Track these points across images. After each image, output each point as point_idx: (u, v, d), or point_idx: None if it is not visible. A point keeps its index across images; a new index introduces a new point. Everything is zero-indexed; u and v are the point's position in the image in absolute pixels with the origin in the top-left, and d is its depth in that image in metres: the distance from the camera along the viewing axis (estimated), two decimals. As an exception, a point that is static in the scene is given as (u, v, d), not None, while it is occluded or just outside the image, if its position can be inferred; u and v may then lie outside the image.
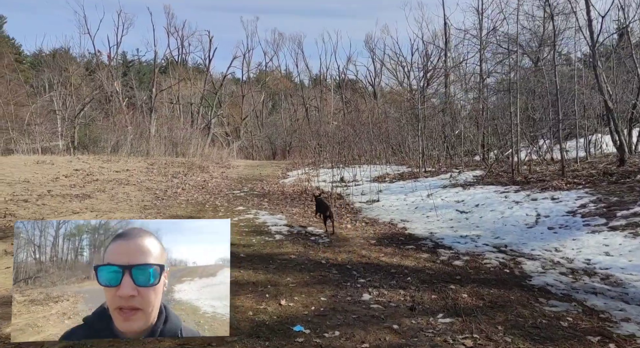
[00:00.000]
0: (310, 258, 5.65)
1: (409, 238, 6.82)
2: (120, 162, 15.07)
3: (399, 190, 10.73)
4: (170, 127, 21.80)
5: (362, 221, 8.31)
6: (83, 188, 11.05)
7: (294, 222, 8.32)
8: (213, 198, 11.14)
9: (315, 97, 42.92)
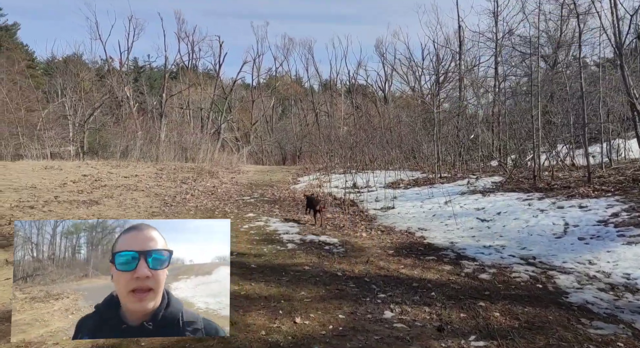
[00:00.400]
0: (326, 270, 5.31)
1: (428, 248, 6.45)
2: (129, 167, 14.89)
3: (414, 196, 10.36)
4: (180, 132, 21.64)
5: (377, 229, 7.96)
6: (91, 194, 10.85)
7: (306, 230, 7.99)
8: (223, 204, 10.87)
9: (325, 102, 42.70)
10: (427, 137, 16.10)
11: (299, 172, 19.79)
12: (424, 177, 12.88)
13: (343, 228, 8.13)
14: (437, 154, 12.32)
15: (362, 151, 15.81)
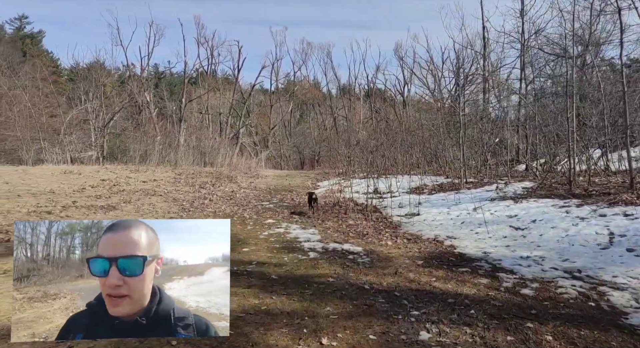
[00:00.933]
0: (351, 282, 4.94)
1: (460, 258, 6.02)
2: (147, 172, 14.78)
3: (440, 202, 9.91)
4: (198, 136, 21.57)
5: (403, 237, 7.55)
6: (109, 199, 10.71)
7: (328, 237, 7.64)
8: (241, 210, 10.60)
9: (343, 106, 42.39)
10: (451, 140, 15.60)
11: (318, 176, 19.47)
12: (449, 182, 12.39)
13: (367, 236, 7.75)
14: (463, 158, 11.83)
15: (383, 155, 15.40)
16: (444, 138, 16.47)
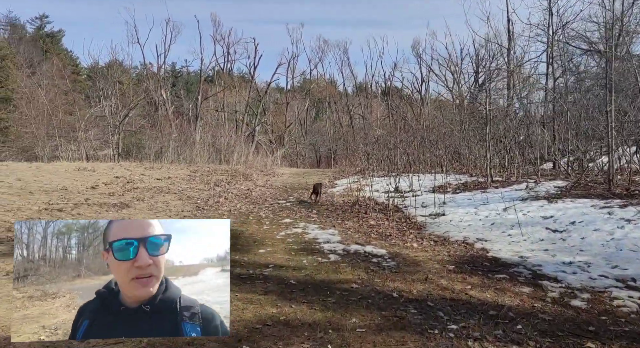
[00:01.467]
0: (378, 290, 4.50)
1: (494, 263, 5.52)
2: (162, 169, 14.52)
3: (466, 202, 9.37)
4: (214, 133, 21.30)
5: (429, 239, 7.06)
6: (122, 196, 10.45)
7: (349, 238, 7.20)
8: (257, 208, 10.22)
9: (359, 104, 41.83)
10: (474, 137, 14.99)
11: (335, 174, 19.03)
12: (474, 181, 11.83)
13: (390, 237, 7.29)
14: (489, 156, 11.24)
15: (404, 152, 14.88)
16: (467, 135, 15.87)
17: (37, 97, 19.37)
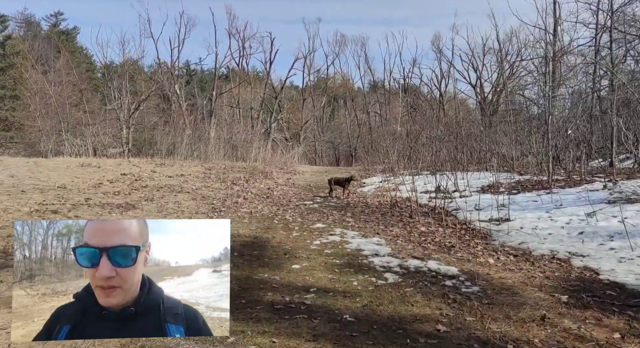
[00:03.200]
0: (479, 337, 3.08)
1: (621, 292, 4.05)
2: (174, 166, 13.27)
3: (532, 204, 7.88)
4: (230, 128, 20.01)
5: (504, 252, 5.61)
6: (128, 196, 9.18)
7: (401, 249, 5.79)
8: (282, 210, 8.87)
9: (377, 101, 40.27)
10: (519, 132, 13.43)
11: (360, 173, 17.58)
12: (529, 180, 10.29)
13: (453, 249, 5.85)
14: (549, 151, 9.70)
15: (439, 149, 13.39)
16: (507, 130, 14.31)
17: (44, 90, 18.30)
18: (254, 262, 5.24)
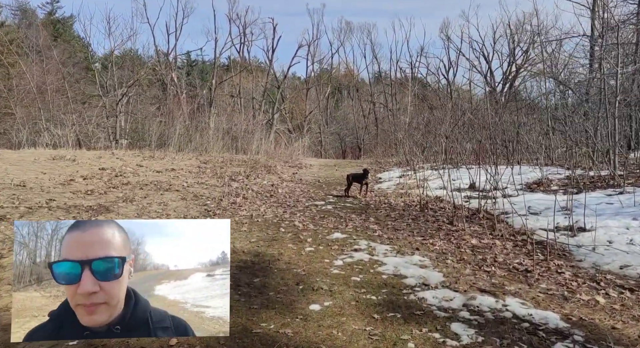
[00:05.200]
0: None
1: None
2: (165, 159, 11.65)
3: (607, 208, 6.23)
4: (229, 117, 18.31)
5: (609, 282, 3.99)
6: (104, 195, 7.58)
7: (457, 275, 4.19)
8: (289, 213, 7.26)
9: (383, 91, 38.41)
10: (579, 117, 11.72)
11: (373, 167, 15.92)
12: (584, 175, 8.62)
13: (530, 275, 4.24)
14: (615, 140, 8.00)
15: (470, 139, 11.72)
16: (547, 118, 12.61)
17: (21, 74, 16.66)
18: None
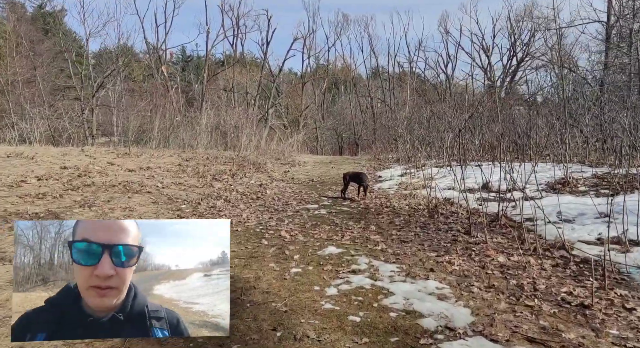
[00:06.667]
0: None
1: None
2: (142, 156, 10.51)
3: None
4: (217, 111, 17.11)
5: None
6: (58, 199, 6.47)
7: (489, 313, 3.11)
8: (275, 220, 6.17)
9: (381, 86, 37.26)
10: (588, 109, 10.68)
11: (372, 164, 14.84)
12: (614, 174, 7.53)
13: (590, 312, 3.15)
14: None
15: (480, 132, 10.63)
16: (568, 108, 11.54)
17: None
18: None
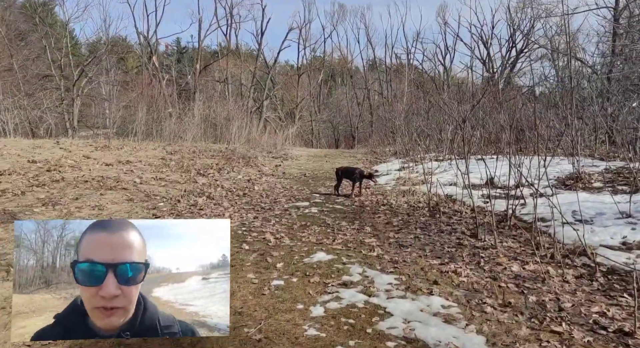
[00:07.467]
0: None
1: None
2: (124, 149, 9.86)
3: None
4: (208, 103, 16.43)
5: None
6: (19, 197, 5.84)
7: (507, 339, 2.52)
8: (261, 220, 5.58)
9: (378, 78, 36.56)
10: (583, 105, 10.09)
11: (368, 157, 14.23)
12: (628, 168, 6.96)
13: (631, 341, 2.56)
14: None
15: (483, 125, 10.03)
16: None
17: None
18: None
